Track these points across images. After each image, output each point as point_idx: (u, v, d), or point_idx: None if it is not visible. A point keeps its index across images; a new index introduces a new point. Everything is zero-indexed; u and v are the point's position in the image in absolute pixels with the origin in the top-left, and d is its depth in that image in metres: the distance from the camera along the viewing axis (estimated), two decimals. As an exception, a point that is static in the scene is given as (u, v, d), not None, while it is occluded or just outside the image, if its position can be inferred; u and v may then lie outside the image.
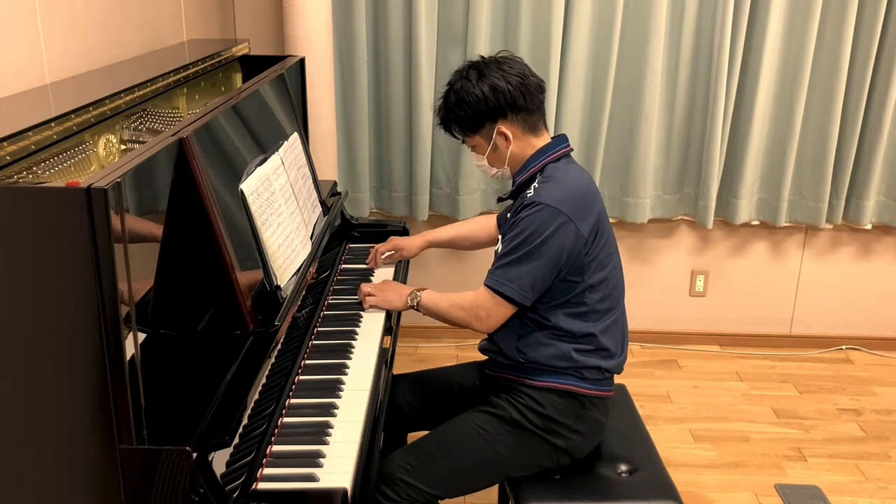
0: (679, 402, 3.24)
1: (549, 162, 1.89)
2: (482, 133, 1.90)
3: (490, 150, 1.92)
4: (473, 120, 1.89)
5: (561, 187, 1.83)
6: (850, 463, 2.86)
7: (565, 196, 1.81)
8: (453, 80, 1.92)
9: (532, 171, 1.89)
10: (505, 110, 1.86)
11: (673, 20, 3.17)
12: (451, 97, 1.91)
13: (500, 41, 3.18)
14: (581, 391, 1.87)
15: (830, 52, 3.17)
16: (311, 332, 1.97)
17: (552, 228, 1.78)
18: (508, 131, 1.88)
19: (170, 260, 1.37)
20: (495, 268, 1.85)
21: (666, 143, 3.35)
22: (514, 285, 1.81)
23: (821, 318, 3.66)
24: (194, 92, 2.11)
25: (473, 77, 1.87)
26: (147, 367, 1.25)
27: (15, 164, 1.25)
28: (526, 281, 1.81)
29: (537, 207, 1.80)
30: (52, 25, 1.80)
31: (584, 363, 1.86)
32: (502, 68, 1.86)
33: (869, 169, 3.33)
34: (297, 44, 2.87)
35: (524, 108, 1.87)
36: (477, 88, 1.85)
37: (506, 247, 1.84)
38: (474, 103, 1.85)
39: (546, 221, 1.78)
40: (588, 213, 1.83)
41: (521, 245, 1.80)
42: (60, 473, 1.26)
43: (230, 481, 1.37)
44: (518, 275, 1.81)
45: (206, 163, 1.50)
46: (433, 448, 1.87)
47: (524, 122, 1.88)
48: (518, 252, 1.80)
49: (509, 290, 1.82)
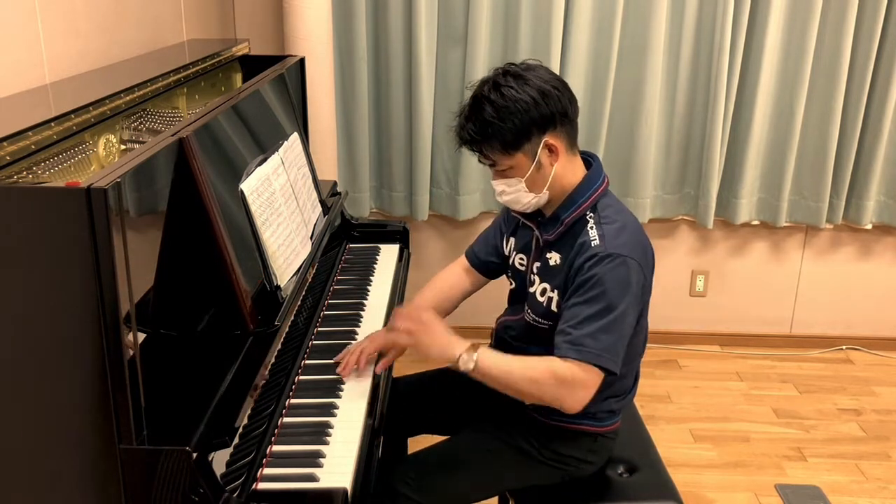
0: (679, 402, 3.24)
1: (598, 198, 1.69)
2: (525, 149, 1.63)
3: (532, 171, 1.65)
4: (520, 132, 1.61)
5: (626, 231, 1.66)
6: (850, 463, 2.86)
7: (634, 243, 1.65)
8: (484, 91, 1.63)
9: (582, 208, 1.68)
10: (555, 119, 1.63)
11: (673, 20, 3.17)
12: (486, 108, 1.61)
13: (500, 41, 3.18)
14: (593, 430, 1.81)
15: (830, 52, 3.17)
16: (311, 332, 1.97)
17: (635, 284, 1.62)
18: (556, 144, 1.64)
19: (170, 260, 1.37)
20: (580, 335, 1.60)
21: (666, 143, 3.35)
22: (611, 355, 1.61)
23: (821, 318, 3.66)
24: (194, 92, 2.11)
25: (514, 83, 1.61)
26: (147, 367, 1.25)
27: (15, 164, 1.25)
28: (620, 347, 1.63)
29: (617, 261, 1.61)
30: (52, 25, 1.80)
31: (598, 410, 1.79)
32: (540, 74, 1.65)
33: (869, 169, 3.33)
34: (297, 44, 2.87)
35: (571, 118, 1.66)
36: (523, 94, 1.60)
37: (586, 308, 1.61)
38: (523, 111, 1.59)
39: (628, 276, 1.61)
40: (651, 256, 1.70)
41: (610, 308, 1.60)
42: (60, 473, 1.26)
43: (230, 481, 1.37)
44: (613, 342, 1.61)
45: (206, 163, 1.50)
46: (437, 466, 1.81)
47: (568, 136, 1.67)
48: (607, 317, 1.60)
49: (609, 363, 1.61)
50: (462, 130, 1.67)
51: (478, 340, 1.73)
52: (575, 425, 1.80)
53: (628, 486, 1.89)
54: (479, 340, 1.72)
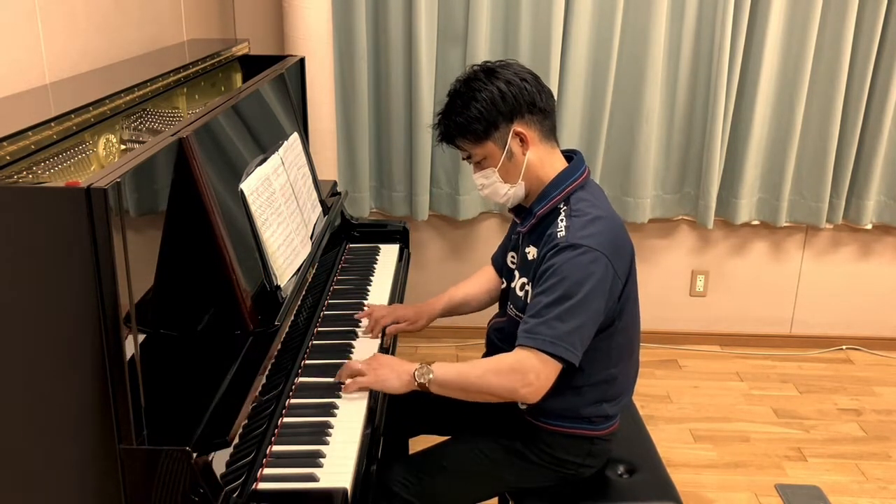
0: (679, 402, 3.24)
1: (572, 191, 1.71)
2: (495, 138, 1.70)
3: (504, 159, 1.71)
4: (486, 122, 1.68)
5: (596, 225, 1.66)
6: (850, 463, 2.86)
7: (603, 235, 1.65)
8: (457, 86, 1.73)
9: (554, 201, 1.71)
10: (522, 108, 1.68)
11: (673, 20, 3.17)
12: (457, 102, 1.71)
13: (500, 41, 3.18)
14: (589, 434, 1.81)
15: (830, 52, 3.17)
16: (311, 331, 1.97)
17: (597, 276, 1.61)
18: (525, 133, 1.69)
19: (170, 260, 1.37)
20: (536, 323, 1.62)
21: (666, 143, 3.35)
22: (566, 343, 1.61)
23: (821, 318, 3.66)
24: (194, 92, 2.11)
25: (483, 77, 1.70)
26: (147, 367, 1.25)
27: (15, 164, 1.25)
28: (577, 337, 1.62)
29: (579, 251, 1.62)
30: (52, 25, 1.80)
31: (591, 413, 1.79)
32: (513, 69, 1.72)
33: (869, 169, 3.33)
34: (297, 44, 2.87)
35: (541, 108, 1.70)
36: (490, 86, 1.68)
37: (545, 297, 1.63)
38: (488, 100, 1.67)
39: (589, 267, 1.61)
40: (623, 253, 1.70)
41: (567, 296, 1.60)
42: (60, 473, 1.26)
43: (230, 481, 1.37)
44: (568, 331, 1.61)
45: (206, 163, 1.50)
46: (435, 469, 1.81)
47: (540, 125, 1.71)
48: (563, 305, 1.60)
49: (562, 351, 1.61)
50: (438, 126, 1.76)
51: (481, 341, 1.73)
52: (569, 429, 1.79)
53: (628, 486, 1.89)
54: (481, 341, 1.71)
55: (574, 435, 1.80)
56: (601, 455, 1.87)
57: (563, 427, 1.79)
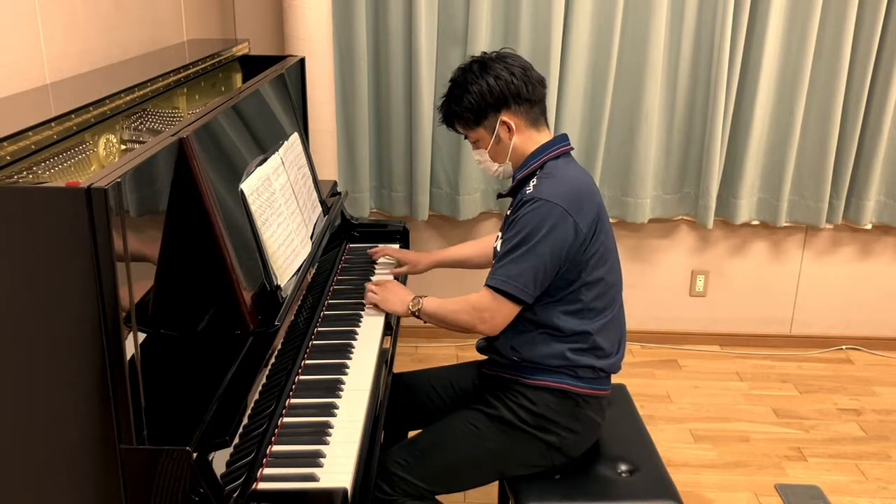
0: (679, 402, 3.24)
1: (549, 159, 1.89)
2: (485, 125, 1.90)
3: (493, 143, 1.91)
4: (477, 111, 1.88)
5: (560, 184, 1.83)
6: (850, 463, 2.86)
7: (564, 192, 1.81)
8: (456, 75, 1.93)
9: (532, 167, 1.89)
10: (508, 100, 1.87)
11: (673, 20, 3.17)
12: (454, 90, 1.92)
13: (500, 41, 3.18)
14: (575, 390, 1.88)
15: (830, 52, 3.17)
16: (311, 332, 1.97)
17: (551, 223, 1.78)
18: (511, 121, 1.88)
19: (170, 260, 1.37)
20: (496, 267, 1.84)
21: (666, 143, 3.35)
22: (517, 283, 1.80)
23: (821, 318, 3.66)
24: (194, 92, 2.11)
25: (476, 69, 1.88)
26: (147, 367, 1.25)
27: (15, 164, 1.25)
28: (528, 278, 1.79)
29: (537, 203, 1.79)
30: (52, 25, 1.80)
31: (577, 362, 1.86)
32: (505, 61, 1.89)
33: (869, 169, 3.33)
34: (297, 44, 2.87)
35: (527, 99, 1.88)
36: (481, 79, 1.86)
37: (506, 245, 1.83)
38: (478, 93, 1.86)
39: (545, 217, 1.78)
40: (587, 209, 1.82)
41: (522, 242, 1.79)
42: (60, 473, 1.26)
43: (230, 481, 1.37)
44: (520, 272, 1.79)
45: (206, 163, 1.50)
46: (426, 445, 1.90)
47: (526, 114, 1.89)
48: (519, 250, 1.79)
49: (511, 288, 1.80)
50: (440, 109, 1.98)
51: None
52: (555, 383, 1.87)
53: (628, 485, 1.89)
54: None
55: (559, 389, 1.87)
56: (586, 422, 1.91)
57: (550, 381, 1.87)
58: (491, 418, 1.89)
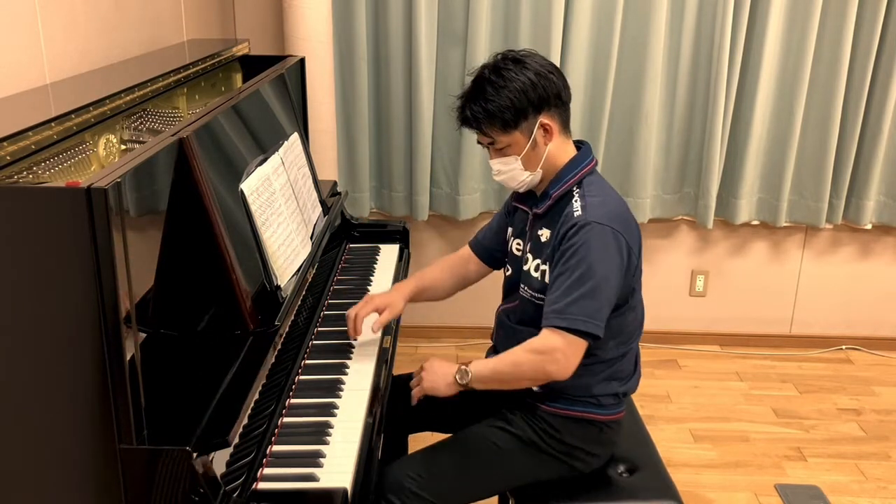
0: (679, 402, 3.24)
1: (584, 175, 1.78)
2: (522, 128, 1.73)
3: (528, 149, 1.75)
4: (516, 111, 1.71)
5: (608, 204, 1.73)
6: (850, 463, 2.86)
7: (616, 213, 1.72)
8: (485, 73, 1.74)
9: (569, 183, 1.77)
10: (550, 100, 1.73)
11: (673, 20, 3.17)
12: (487, 89, 1.72)
13: (500, 41, 3.18)
14: (599, 418, 1.84)
15: (830, 52, 3.17)
16: (311, 332, 1.97)
17: (613, 250, 1.68)
18: (550, 124, 1.74)
19: (170, 260, 1.37)
20: (565, 303, 1.67)
21: (666, 143, 3.35)
22: (594, 321, 1.66)
23: (821, 318, 3.66)
24: (194, 92, 2.11)
25: (512, 66, 1.72)
26: (147, 367, 1.25)
27: (15, 164, 1.25)
28: (605, 313, 1.68)
29: (597, 228, 1.67)
30: (52, 25, 1.80)
31: (601, 391, 1.82)
32: (536, 59, 1.75)
33: (869, 169, 3.33)
34: (297, 44, 2.87)
35: (565, 101, 1.77)
36: (522, 76, 1.71)
37: (567, 276, 1.67)
38: (521, 91, 1.70)
39: (607, 243, 1.67)
40: (634, 229, 1.75)
41: (588, 274, 1.66)
42: (60, 473, 1.26)
43: (230, 481, 1.37)
44: (595, 308, 1.66)
45: (206, 163, 1.50)
46: (445, 462, 1.82)
47: (561, 117, 1.77)
48: (587, 283, 1.66)
49: (593, 328, 1.66)
50: (464, 110, 1.77)
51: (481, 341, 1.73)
52: (579, 412, 1.82)
53: (628, 486, 1.89)
54: (481, 341, 1.72)
55: (584, 419, 1.83)
56: (608, 444, 1.89)
57: (573, 411, 1.82)
58: (516, 439, 1.82)
